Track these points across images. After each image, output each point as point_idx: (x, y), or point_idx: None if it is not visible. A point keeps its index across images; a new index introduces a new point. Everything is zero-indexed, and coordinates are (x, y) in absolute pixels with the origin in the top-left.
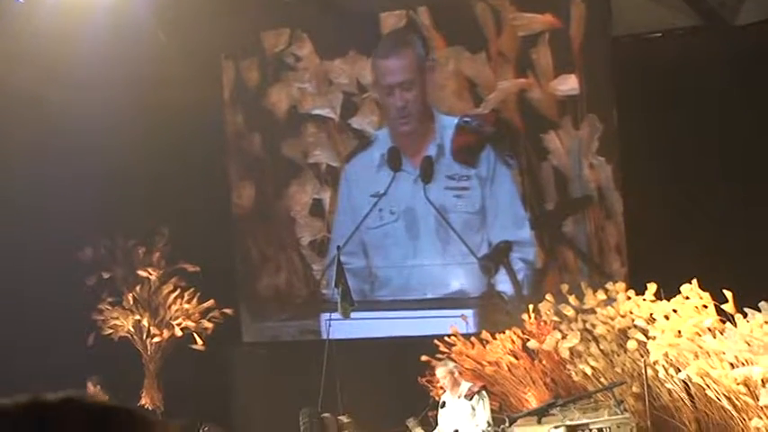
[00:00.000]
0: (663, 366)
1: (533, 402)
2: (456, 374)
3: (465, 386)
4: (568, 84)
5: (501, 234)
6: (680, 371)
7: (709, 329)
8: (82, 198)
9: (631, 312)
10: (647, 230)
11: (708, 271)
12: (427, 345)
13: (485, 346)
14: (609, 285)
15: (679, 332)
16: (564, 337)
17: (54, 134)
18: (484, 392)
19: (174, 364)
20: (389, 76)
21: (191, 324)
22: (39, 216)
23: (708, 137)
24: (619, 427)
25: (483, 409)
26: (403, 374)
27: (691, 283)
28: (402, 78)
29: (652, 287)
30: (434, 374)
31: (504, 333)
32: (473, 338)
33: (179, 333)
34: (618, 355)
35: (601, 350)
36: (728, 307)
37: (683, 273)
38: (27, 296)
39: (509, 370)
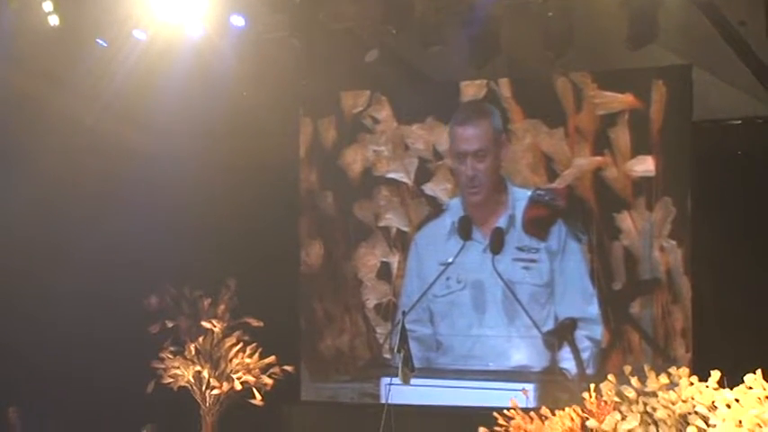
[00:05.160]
0: None
1: None
2: None
3: None
4: (645, 165)
5: (568, 309)
6: None
7: None
8: (150, 245)
9: (693, 398)
10: (713, 317)
11: None
12: (486, 416)
13: (543, 422)
14: (672, 370)
15: (740, 422)
16: (624, 418)
17: (127, 180)
18: None
19: (231, 417)
20: (464, 143)
21: (251, 379)
22: (107, 261)
23: None
24: None
25: None
26: None
27: (755, 374)
28: (476, 147)
29: (715, 374)
30: None
31: (563, 410)
32: (532, 413)
33: (238, 387)
34: None
35: None
36: None
37: (747, 362)
38: (90, 339)
39: None
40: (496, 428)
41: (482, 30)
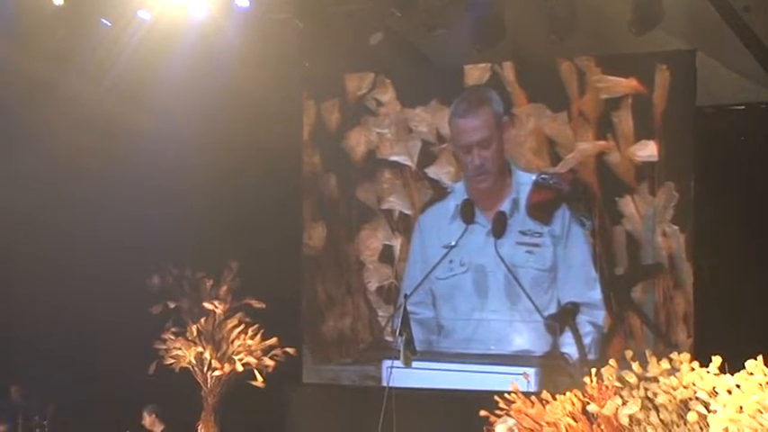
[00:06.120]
0: None
1: None
2: None
3: None
4: (648, 150)
5: (570, 294)
6: None
7: None
8: (153, 226)
9: (694, 384)
10: (715, 303)
11: None
12: (487, 400)
13: (544, 406)
14: (673, 355)
15: (741, 408)
16: (624, 403)
17: (129, 160)
18: None
19: (232, 399)
20: (467, 135)
21: (252, 360)
22: (110, 242)
23: None
24: None
25: None
26: (460, 428)
27: (756, 360)
28: (480, 137)
29: (717, 360)
30: (492, 430)
31: (564, 394)
32: (533, 397)
33: (240, 368)
34: (677, 426)
35: (661, 419)
36: None
37: (749, 348)
38: (92, 319)
39: None
40: (497, 412)
41: (486, 13)
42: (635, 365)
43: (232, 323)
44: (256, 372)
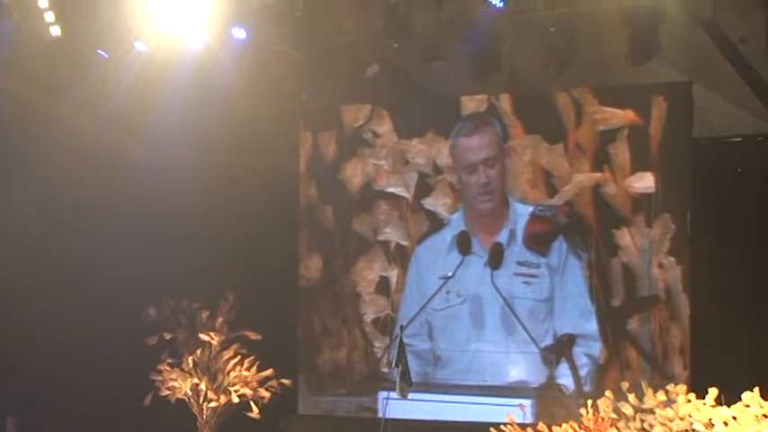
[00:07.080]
0: None
1: None
2: None
3: None
4: (644, 181)
5: (567, 325)
6: None
7: None
8: (149, 257)
9: (690, 416)
10: (712, 335)
11: None
12: (483, 431)
13: None
14: (670, 387)
15: None
16: None
17: (126, 192)
18: None
19: (228, 430)
20: (473, 153)
21: (248, 391)
22: (105, 273)
23: None
24: None
25: None
26: None
27: (752, 392)
28: (485, 155)
29: (713, 392)
30: None
31: (560, 426)
32: (529, 429)
33: (236, 400)
34: None
35: None
36: None
37: (745, 380)
38: (88, 350)
39: None
40: None
41: (483, 45)
42: (631, 397)
43: (228, 354)
44: (252, 403)
